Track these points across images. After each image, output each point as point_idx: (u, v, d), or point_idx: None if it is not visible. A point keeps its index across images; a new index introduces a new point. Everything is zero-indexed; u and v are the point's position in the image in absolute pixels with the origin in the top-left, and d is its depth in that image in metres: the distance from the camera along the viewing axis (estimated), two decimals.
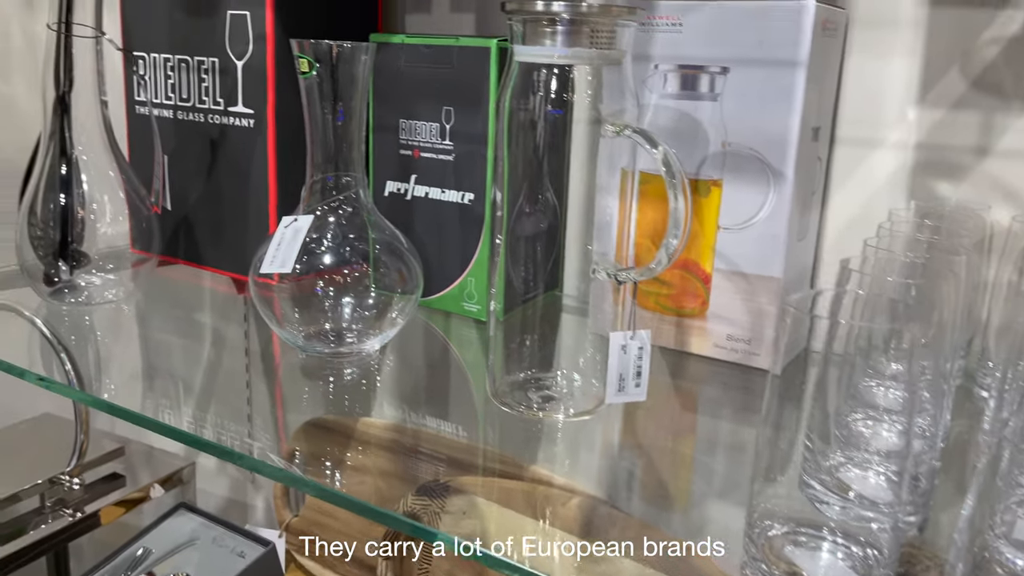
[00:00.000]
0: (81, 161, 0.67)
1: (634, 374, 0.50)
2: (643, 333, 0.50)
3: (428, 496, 0.86)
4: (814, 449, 0.42)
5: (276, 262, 0.56)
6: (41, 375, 0.60)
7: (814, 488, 0.41)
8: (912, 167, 0.63)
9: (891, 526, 0.36)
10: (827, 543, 0.36)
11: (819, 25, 0.55)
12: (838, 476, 0.41)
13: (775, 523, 0.37)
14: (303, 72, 0.57)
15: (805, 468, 0.42)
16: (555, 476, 0.57)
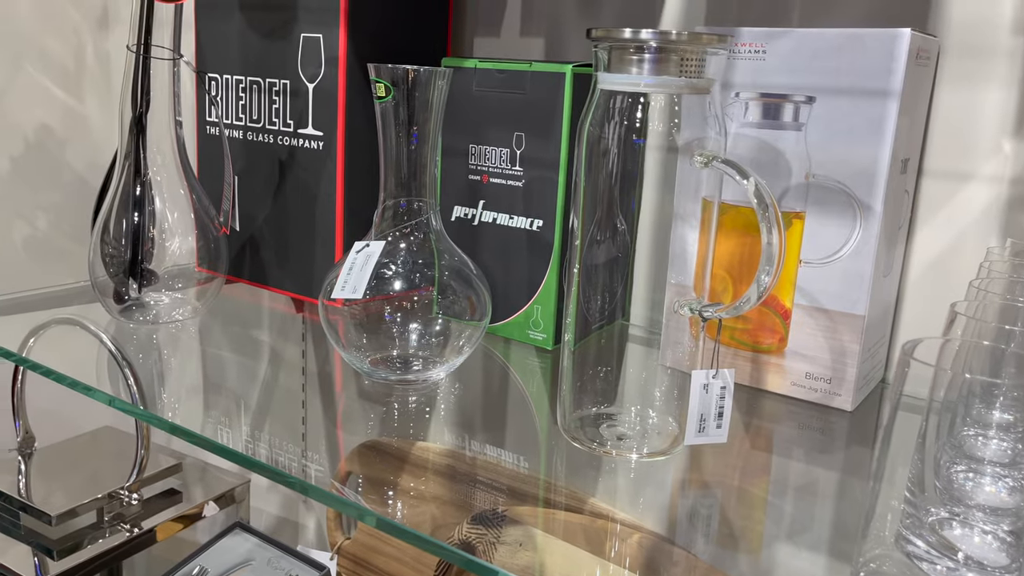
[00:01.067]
0: (155, 181, 0.68)
1: (715, 415, 0.48)
2: (726, 372, 0.48)
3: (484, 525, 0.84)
4: (916, 503, 0.39)
5: (348, 288, 0.55)
6: (109, 395, 0.60)
7: (916, 545, 0.39)
8: (1006, 202, 0.60)
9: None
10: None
11: (913, 54, 0.53)
12: (942, 533, 0.39)
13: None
14: (379, 96, 0.56)
15: (904, 523, 0.40)
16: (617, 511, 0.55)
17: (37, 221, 1.10)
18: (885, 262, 0.58)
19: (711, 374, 0.47)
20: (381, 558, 0.93)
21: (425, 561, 0.89)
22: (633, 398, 0.56)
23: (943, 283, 0.62)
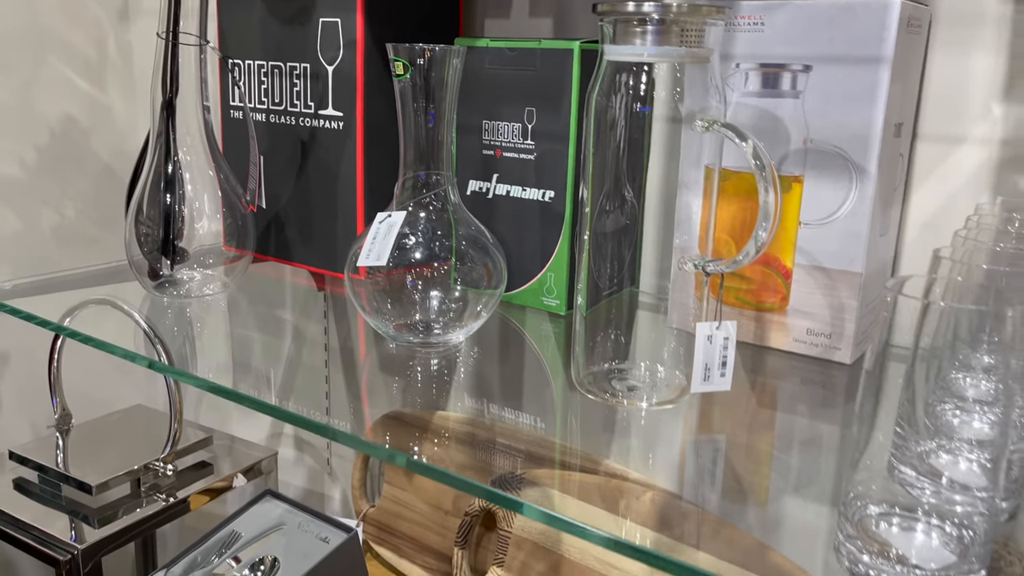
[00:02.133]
0: (185, 162, 0.71)
1: (719, 364, 0.51)
2: (729, 324, 0.51)
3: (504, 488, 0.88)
4: (905, 436, 0.43)
5: (372, 255, 0.58)
6: (148, 359, 0.64)
7: (905, 473, 0.42)
8: (997, 163, 0.63)
9: (987, 509, 0.36)
10: (921, 524, 0.37)
11: (904, 22, 0.56)
12: (929, 462, 0.42)
13: (869, 504, 0.38)
14: (398, 75, 0.59)
15: (895, 455, 0.43)
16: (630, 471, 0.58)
17: (65, 210, 1.14)
18: (881, 222, 0.61)
19: (715, 326, 0.50)
20: (405, 524, 0.97)
21: (447, 525, 0.92)
22: (643, 355, 0.60)
23: (938, 242, 0.65)
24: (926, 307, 0.36)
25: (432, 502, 0.94)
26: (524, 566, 0.85)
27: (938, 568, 0.35)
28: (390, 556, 0.97)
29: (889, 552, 0.36)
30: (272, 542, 0.85)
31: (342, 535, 0.85)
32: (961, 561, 0.35)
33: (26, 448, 0.95)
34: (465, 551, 0.87)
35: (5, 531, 0.87)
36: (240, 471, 1.01)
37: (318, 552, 0.83)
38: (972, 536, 0.36)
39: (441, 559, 0.92)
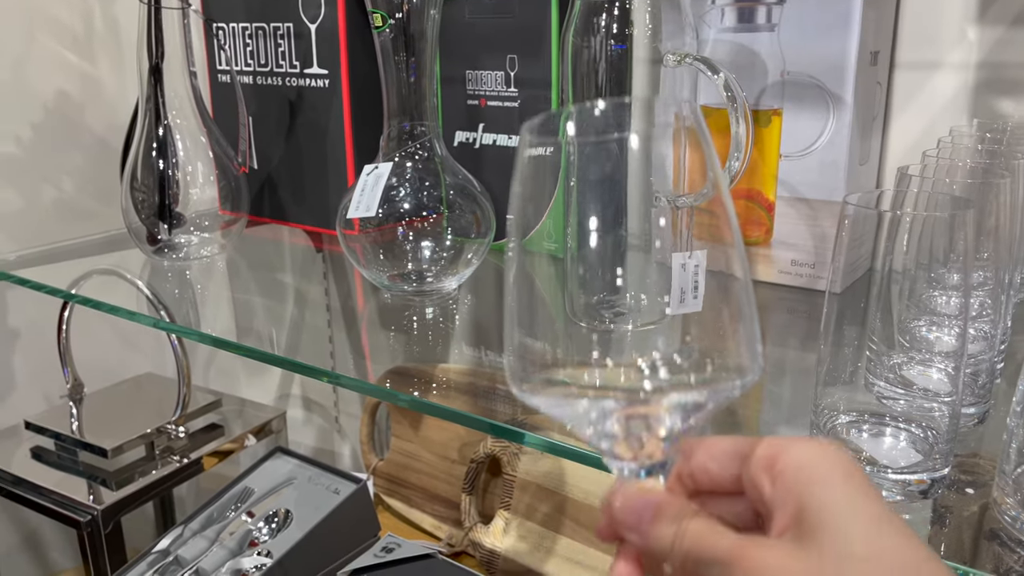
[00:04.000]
0: (175, 126, 0.72)
1: (692, 288, 0.53)
2: (699, 253, 0.52)
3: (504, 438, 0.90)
4: (878, 351, 0.44)
5: (361, 207, 0.60)
6: (154, 318, 0.66)
7: (878, 385, 0.44)
8: (974, 87, 0.63)
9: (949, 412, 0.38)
10: (889, 428, 0.39)
11: None
12: (901, 373, 0.43)
13: (839, 414, 0.40)
14: (377, 27, 0.60)
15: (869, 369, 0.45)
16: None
17: (62, 184, 1.15)
18: (860, 151, 0.62)
19: (687, 255, 0.52)
20: (414, 475, 0.99)
21: (454, 473, 0.95)
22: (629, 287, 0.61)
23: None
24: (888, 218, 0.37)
25: (439, 452, 0.97)
26: (530, 508, 0.87)
27: (906, 466, 0.37)
28: (401, 507, 1.00)
29: (860, 456, 0.38)
30: (284, 496, 0.88)
31: (352, 486, 0.88)
32: (927, 459, 0.37)
33: (41, 417, 0.98)
34: (472, 497, 0.90)
35: (26, 497, 0.90)
36: (250, 431, 1.03)
37: (329, 503, 0.86)
38: (936, 435, 0.37)
39: (450, 506, 0.95)
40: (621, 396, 0.31)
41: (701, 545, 0.28)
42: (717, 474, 0.30)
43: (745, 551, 0.27)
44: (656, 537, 0.29)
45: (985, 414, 0.45)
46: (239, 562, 0.80)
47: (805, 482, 0.27)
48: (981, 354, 0.46)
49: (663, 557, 0.29)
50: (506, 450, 0.90)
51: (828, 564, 0.25)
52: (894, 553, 0.25)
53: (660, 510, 0.29)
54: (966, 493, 0.42)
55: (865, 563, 0.25)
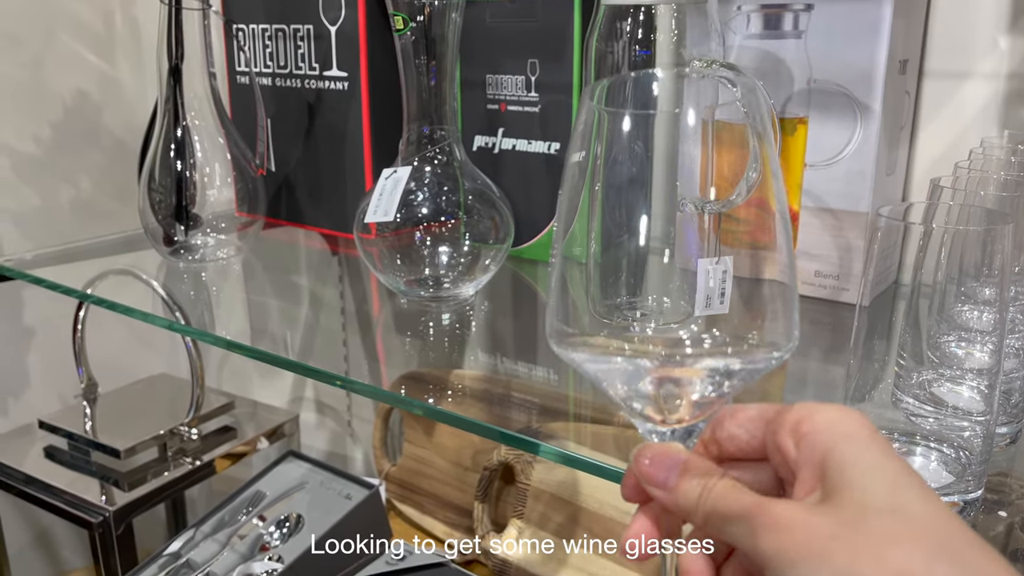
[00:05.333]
0: (193, 127, 0.72)
1: (719, 294, 0.52)
2: (727, 259, 0.51)
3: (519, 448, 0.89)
4: (907, 367, 0.43)
5: (379, 211, 0.59)
6: (168, 320, 0.65)
7: (907, 402, 0.42)
8: (1004, 97, 0.62)
9: (983, 432, 0.37)
10: (920, 447, 0.38)
11: None
12: (931, 390, 0.42)
13: None
14: (398, 29, 0.60)
15: (898, 385, 0.43)
16: None
17: (80, 183, 1.15)
18: (887, 161, 0.61)
19: (714, 261, 0.51)
20: (426, 481, 0.99)
21: (467, 481, 0.94)
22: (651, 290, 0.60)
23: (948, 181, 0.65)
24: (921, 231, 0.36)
25: (452, 459, 0.96)
26: (543, 517, 0.86)
27: (937, 487, 0.36)
28: (413, 513, 0.99)
29: None
30: (296, 500, 0.88)
31: (364, 491, 0.87)
32: (959, 480, 0.36)
33: (55, 417, 0.98)
34: (485, 505, 0.89)
35: (39, 497, 0.90)
36: (262, 434, 1.03)
37: (341, 508, 0.85)
38: (969, 457, 0.36)
39: (462, 514, 0.94)
40: (656, 357, 0.32)
41: (726, 503, 0.28)
42: (742, 440, 0.31)
43: (769, 507, 0.27)
44: (683, 493, 0.29)
45: (1018, 434, 0.44)
46: (250, 566, 0.79)
47: (830, 443, 0.27)
48: (1013, 371, 0.45)
49: (687, 514, 0.30)
50: (520, 458, 0.89)
51: (850, 518, 0.25)
52: (915, 508, 0.25)
53: (688, 468, 0.30)
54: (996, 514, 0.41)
55: (887, 517, 0.25)
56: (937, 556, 0.24)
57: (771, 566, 0.26)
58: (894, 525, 0.25)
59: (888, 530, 0.25)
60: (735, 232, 0.61)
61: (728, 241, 0.66)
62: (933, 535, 0.25)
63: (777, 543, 0.26)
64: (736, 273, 0.37)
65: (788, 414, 0.29)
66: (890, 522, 0.25)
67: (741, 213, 0.51)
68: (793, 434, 0.29)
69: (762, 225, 0.34)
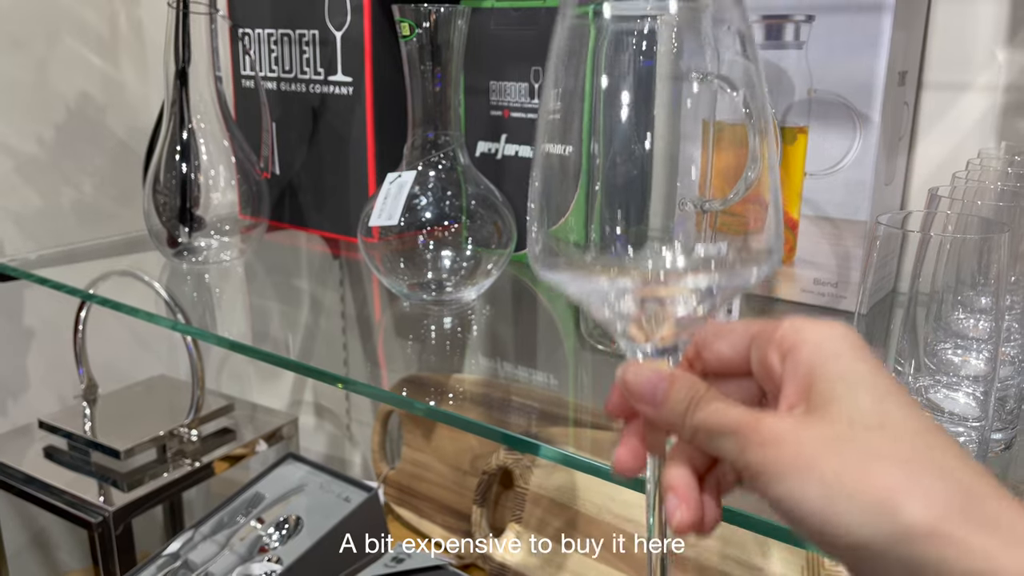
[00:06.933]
0: (199, 130, 0.73)
1: (726, 311, 0.52)
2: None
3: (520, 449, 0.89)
4: (904, 373, 0.44)
5: (384, 215, 0.60)
6: (172, 320, 0.66)
7: None
8: (1002, 109, 0.63)
9: (978, 437, 0.37)
10: None
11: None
12: (927, 396, 0.43)
13: None
14: (404, 36, 0.60)
15: None
16: None
17: (83, 186, 1.16)
18: (886, 171, 0.62)
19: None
20: (424, 485, 0.99)
21: (466, 485, 0.94)
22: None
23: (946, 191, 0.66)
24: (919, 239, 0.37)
25: (450, 463, 0.96)
26: (541, 522, 0.87)
27: None
28: (411, 517, 0.99)
29: None
30: (295, 503, 0.88)
31: (363, 494, 0.88)
32: None
33: (55, 417, 0.98)
34: (484, 509, 0.89)
35: (38, 497, 0.90)
36: (262, 437, 1.03)
37: (340, 511, 0.85)
38: None
39: (460, 518, 0.94)
40: (639, 276, 0.32)
41: (714, 416, 0.28)
42: (727, 356, 0.31)
43: (757, 421, 0.27)
44: (669, 407, 0.29)
45: (1012, 440, 0.44)
46: (249, 568, 0.79)
47: (818, 358, 0.27)
48: (1009, 379, 0.45)
49: (673, 429, 0.30)
50: (518, 463, 0.89)
51: (838, 431, 0.26)
52: (903, 421, 0.26)
53: (674, 382, 0.30)
54: None
55: (875, 431, 0.25)
56: (923, 470, 0.24)
57: (759, 479, 0.27)
58: (881, 440, 0.25)
59: (875, 444, 0.25)
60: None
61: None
62: (920, 449, 0.25)
63: (764, 457, 0.26)
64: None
65: (775, 329, 0.29)
66: (878, 437, 0.25)
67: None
68: (779, 349, 0.29)
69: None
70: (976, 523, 0.24)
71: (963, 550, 0.23)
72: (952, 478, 0.24)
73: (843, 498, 0.25)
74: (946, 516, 0.24)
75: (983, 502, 0.24)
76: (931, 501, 0.24)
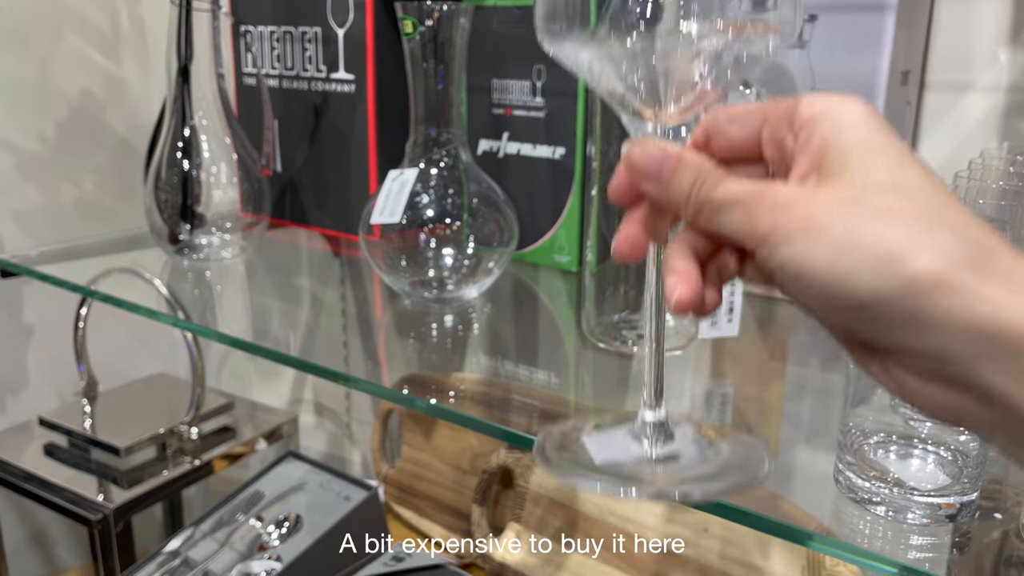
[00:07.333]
0: (201, 126, 0.73)
1: (727, 309, 0.52)
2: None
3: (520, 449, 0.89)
4: None
5: (385, 212, 0.60)
6: (173, 317, 0.66)
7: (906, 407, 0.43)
8: (1004, 110, 0.63)
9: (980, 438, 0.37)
10: (917, 451, 0.38)
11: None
12: None
13: (867, 434, 0.39)
14: (407, 34, 0.60)
15: None
16: None
17: (84, 183, 1.16)
18: None
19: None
20: (424, 484, 0.99)
21: (466, 484, 0.94)
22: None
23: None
24: None
25: (450, 462, 0.96)
26: (541, 522, 0.87)
27: (933, 489, 0.36)
28: (410, 516, 0.99)
29: (887, 477, 0.37)
30: (295, 501, 0.88)
31: (363, 493, 0.88)
32: (955, 482, 0.36)
33: (55, 414, 0.98)
34: (483, 508, 0.89)
35: (38, 494, 0.90)
36: (261, 435, 1.03)
37: (340, 509, 0.85)
38: (966, 459, 0.37)
39: (460, 517, 0.94)
40: (649, 44, 0.30)
41: (721, 190, 0.28)
42: (736, 138, 0.30)
43: (766, 188, 0.26)
44: (675, 185, 0.29)
45: None
46: (248, 565, 0.79)
47: (832, 128, 0.27)
48: None
49: (678, 208, 0.29)
50: (519, 462, 0.89)
51: (852, 193, 0.25)
52: (918, 183, 0.25)
53: (682, 159, 0.29)
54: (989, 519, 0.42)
55: (889, 191, 0.25)
56: (935, 224, 0.24)
57: (766, 245, 0.26)
58: (896, 198, 0.25)
59: (889, 203, 0.25)
60: None
61: None
62: (934, 207, 0.25)
63: (773, 219, 0.26)
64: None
65: (790, 106, 0.28)
66: (891, 195, 0.25)
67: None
68: (790, 124, 0.28)
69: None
70: (985, 273, 0.23)
71: (970, 299, 0.23)
72: (964, 232, 0.24)
73: (852, 253, 0.24)
74: (955, 267, 0.23)
75: (994, 255, 0.24)
76: (941, 253, 0.24)
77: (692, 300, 0.29)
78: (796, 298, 0.26)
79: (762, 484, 0.36)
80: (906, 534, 0.37)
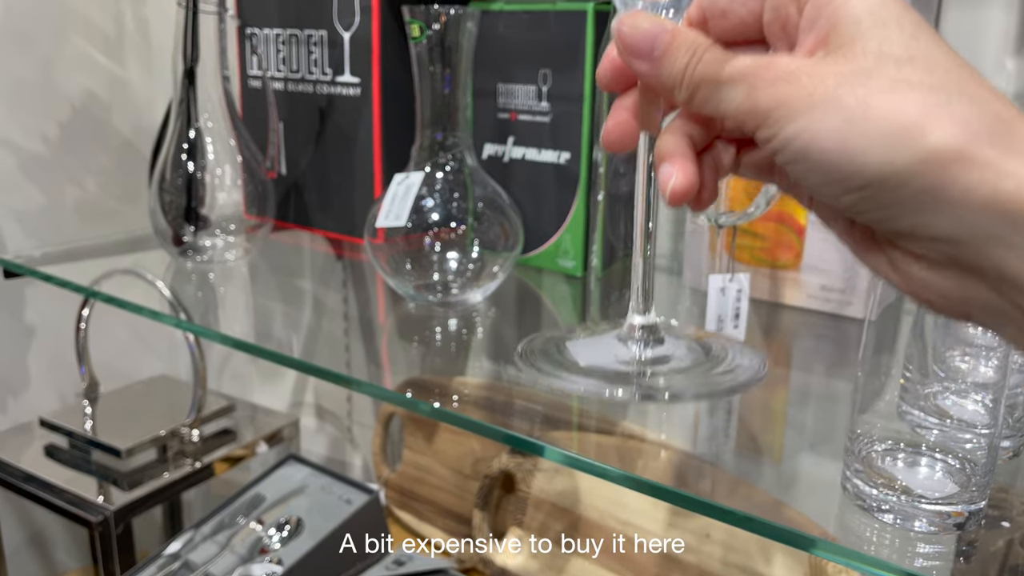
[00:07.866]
0: (206, 128, 0.73)
1: (732, 315, 0.52)
2: (742, 276, 0.52)
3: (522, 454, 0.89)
4: (913, 380, 0.44)
5: (391, 216, 0.60)
6: (176, 318, 0.65)
7: (913, 414, 0.43)
8: None
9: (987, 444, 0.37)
10: (925, 458, 0.38)
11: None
12: (936, 403, 0.43)
13: (875, 441, 0.39)
14: (414, 37, 0.60)
15: (903, 398, 0.44)
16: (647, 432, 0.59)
17: (87, 185, 1.16)
18: None
19: (727, 278, 0.51)
20: (425, 488, 0.99)
21: (467, 488, 0.94)
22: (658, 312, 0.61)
23: None
24: None
25: (452, 466, 0.96)
26: (543, 526, 0.87)
27: (941, 497, 0.36)
28: (411, 520, 0.99)
29: (894, 484, 0.37)
30: (296, 504, 0.88)
31: (364, 496, 0.88)
32: (963, 491, 0.36)
33: (56, 415, 0.98)
34: (485, 513, 0.89)
35: (38, 495, 0.90)
36: (262, 438, 1.03)
37: (341, 513, 0.85)
38: (972, 467, 0.37)
39: (461, 522, 0.94)
40: None
41: (718, 67, 0.25)
42: (735, 15, 0.28)
43: (769, 62, 0.24)
44: (669, 62, 0.27)
45: (1020, 448, 0.44)
46: (249, 568, 0.79)
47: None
48: (1018, 386, 0.45)
49: (671, 89, 0.27)
50: (520, 466, 0.89)
51: (865, 63, 0.24)
52: (935, 54, 0.24)
53: (676, 33, 0.27)
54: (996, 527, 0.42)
55: (905, 64, 0.23)
56: (954, 96, 0.23)
57: (769, 121, 0.24)
58: (912, 71, 0.23)
59: (905, 74, 0.23)
60: (753, 248, 0.61)
61: (745, 259, 0.66)
62: (952, 79, 0.23)
63: (777, 94, 0.24)
64: None
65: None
66: (908, 67, 0.23)
67: None
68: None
69: None
70: (1005, 147, 0.22)
71: (989, 173, 0.22)
72: (984, 105, 0.23)
73: (865, 127, 0.23)
74: (974, 140, 0.22)
75: (1016, 130, 0.23)
76: (960, 126, 0.22)
77: (688, 189, 0.28)
78: (799, 180, 0.25)
79: (761, 383, 0.35)
80: (913, 542, 0.37)
